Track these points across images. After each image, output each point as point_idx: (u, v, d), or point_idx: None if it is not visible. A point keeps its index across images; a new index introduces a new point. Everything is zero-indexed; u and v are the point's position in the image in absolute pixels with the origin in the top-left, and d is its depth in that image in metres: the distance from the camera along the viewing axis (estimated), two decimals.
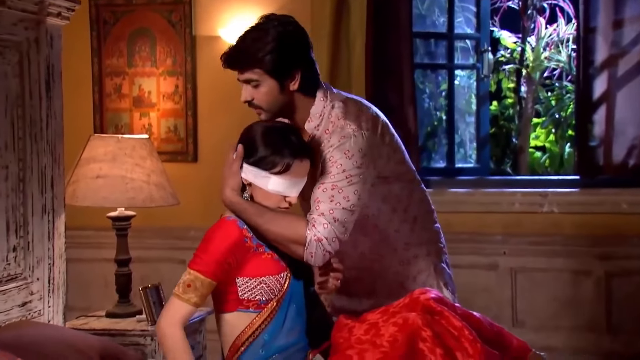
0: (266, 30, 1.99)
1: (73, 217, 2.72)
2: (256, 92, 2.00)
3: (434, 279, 2.16)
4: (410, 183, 2.13)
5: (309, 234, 1.90)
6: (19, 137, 2.39)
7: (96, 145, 2.98)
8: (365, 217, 2.08)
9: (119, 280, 3.06)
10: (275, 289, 1.88)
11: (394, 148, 2.08)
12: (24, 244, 2.41)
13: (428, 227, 2.18)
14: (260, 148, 1.90)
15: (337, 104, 2.03)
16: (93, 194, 2.90)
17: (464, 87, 4.82)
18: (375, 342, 1.85)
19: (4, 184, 2.33)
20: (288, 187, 1.91)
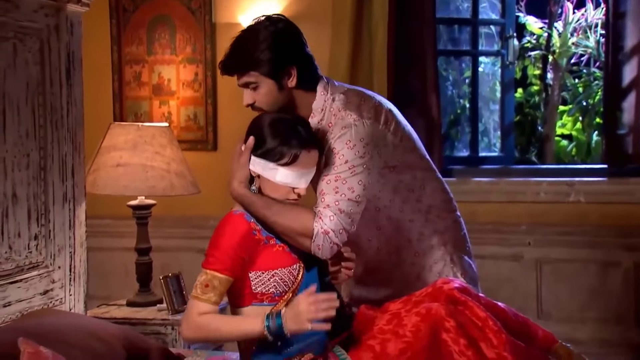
0: (257, 31, 2.03)
1: (93, 206, 2.75)
2: (256, 95, 2.04)
3: (451, 269, 2.16)
4: (422, 172, 2.13)
5: (316, 227, 1.92)
6: (40, 125, 2.43)
7: (116, 133, 3.00)
8: (377, 209, 2.10)
9: (139, 269, 3.09)
10: (288, 281, 1.89)
11: (401, 136, 2.08)
12: (45, 232, 2.45)
13: (444, 217, 2.18)
14: (268, 139, 1.91)
15: (338, 96, 2.05)
16: (113, 182, 2.93)
17: (489, 74, 4.78)
18: (397, 332, 1.86)
19: (25, 172, 2.36)
20: (296, 178, 1.92)
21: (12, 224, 2.31)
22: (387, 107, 2.10)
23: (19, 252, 2.33)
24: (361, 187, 1.97)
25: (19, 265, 2.34)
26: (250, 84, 2.04)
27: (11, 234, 2.30)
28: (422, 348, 1.83)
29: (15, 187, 2.31)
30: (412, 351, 1.83)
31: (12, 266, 2.31)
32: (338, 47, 3.62)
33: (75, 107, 2.58)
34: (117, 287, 3.89)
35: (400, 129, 2.09)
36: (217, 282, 1.82)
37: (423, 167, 2.14)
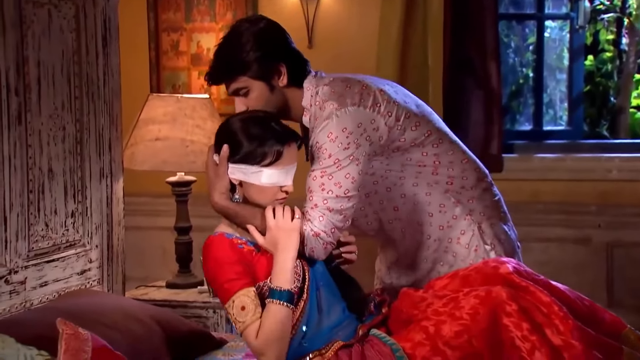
0: (239, 34, 2.09)
1: (129, 182, 2.80)
2: (248, 101, 2.08)
3: (478, 239, 2.18)
4: (434, 146, 2.15)
5: (306, 230, 1.96)
6: (76, 96, 2.48)
7: (155, 105, 3.04)
8: (388, 189, 2.16)
9: (179, 249, 3.15)
10: (297, 284, 1.91)
11: (397, 115, 2.09)
12: (82, 210, 2.51)
13: (468, 186, 2.19)
14: (244, 143, 1.92)
15: (322, 88, 2.09)
16: (152, 157, 2.98)
17: (555, 39, 4.68)
18: (454, 314, 1.87)
19: (61, 146, 2.42)
20: (282, 175, 1.93)
21: (48, 200, 2.37)
22: (379, 87, 2.12)
23: (55, 229, 2.40)
24: (349, 180, 2.01)
25: (55, 244, 2.40)
26: (240, 90, 2.09)
27: (47, 210, 2.37)
28: (479, 331, 1.83)
29: (51, 161, 2.38)
30: (469, 334, 1.84)
31: (48, 244, 2.38)
32: (389, 10, 3.59)
33: (112, 78, 2.62)
34: (154, 268, 3.97)
35: (395, 108, 2.10)
36: (247, 298, 1.85)
37: (433, 142, 2.15)
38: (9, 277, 2.23)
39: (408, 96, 2.18)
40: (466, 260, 2.16)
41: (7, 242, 2.21)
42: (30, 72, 2.29)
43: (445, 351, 1.85)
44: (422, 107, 2.19)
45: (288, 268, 1.86)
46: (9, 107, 2.21)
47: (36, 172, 2.32)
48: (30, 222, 2.30)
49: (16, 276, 2.25)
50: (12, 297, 2.23)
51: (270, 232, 1.88)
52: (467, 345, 1.84)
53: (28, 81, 2.28)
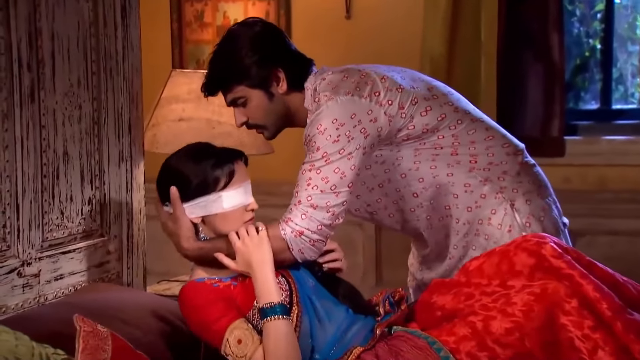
0: (233, 40, 2.18)
1: (149, 167, 2.82)
2: (248, 111, 2.20)
3: (512, 218, 2.21)
4: (450, 128, 2.19)
5: (286, 234, 2.02)
6: (93, 72, 2.50)
7: (178, 82, 3.06)
8: (403, 175, 2.22)
9: None
10: (286, 299, 1.97)
11: (402, 103, 2.13)
12: (100, 196, 2.54)
13: (496, 162, 2.22)
14: (191, 176, 2.00)
15: (320, 83, 2.16)
16: (175, 139, 2.99)
17: (627, 6, 4.59)
18: (505, 310, 1.89)
19: (77, 127, 2.45)
20: (242, 194, 2.02)
21: (64, 186, 2.40)
22: (381, 74, 2.16)
23: (71, 218, 2.43)
24: (337, 175, 2.06)
25: (71, 234, 2.43)
26: (238, 101, 2.19)
27: (62, 197, 2.40)
28: (533, 330, 1.85)
29: (66, 143, 2.40)
30: (521, 332, 1.86)
31: (63, 234, 2.41)
32: None
33: (132, 52, 2.64)
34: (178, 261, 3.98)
35: (399, 95, 2.14)
36: (240, 330, 1.90)
37: (450, 124, 2.19)
38: (22, 269, 2.26)
39: (418, 80, 2.22)
40: (499, 243, 2.18)
41: (19, 231, 2.25)
42: (44, 45, 2.31)
43: (494, 348, 1.87)
44: (436, 90, 2.22)
45: (270, 280, 1.92)
46: (21, 83, 2.24)
47: (50, 155, 2.35)
48: (44, 210, 2.33)
49: (29, 268, 2.28)
50: (25, 291, 2.27)
51: (239, 253, 1.95)
52: (519, 343, 1.86)
53: (41, 55, 2.30)
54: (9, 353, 1.77)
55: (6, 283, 2.21)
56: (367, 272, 4.25)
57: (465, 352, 1.89)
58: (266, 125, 2.26)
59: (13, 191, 2.22)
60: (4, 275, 2.20)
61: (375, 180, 2.27)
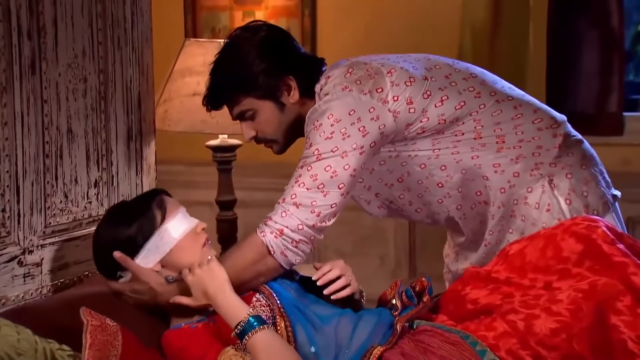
0: (237, 47, 2.20)
1: (161, 147, 2.83)
2: (257, 124, 2.23)
3: (550, 195, 2.21)
4: (471, 114, 2.20)
5: (265, 237, 2.06)
6: (99, 41, 2.51)
7: (192, 52, 3.06)
8: (422, 166, 2.23)
9: (221, 227, 3.19)
10: (267, 314, 2.02)
11: (412, 97, 2.15)
12: (107, 178, 2.56)
13: (526, 139, 2.23)
14: (127, 232, 2.08)
15: (326, 84, 2.19)
16: (189, 116, 3.01)
17: None
18: (550, 308, 1.88)
19: (82, 102, 2.46)
20: (184, 219, 2.12)
21: (68, 166, 2.42)
22: (391, 66, 2.19)
23: (76, 202, 2.45)
24: (328, 174, 2.08)
25: (76, 219, 2.45)
26: (245, 114, 2.22)
27: (66, 179, 2.41)
28: (581, 331, 1.84)
29: (70, 120, 2.41)
30: (568, 333, 1.85)
31: (68, 219, 2.43)
32: None
33: (142, 19, 2.64)
34: None
35: (409, 89, 2.16)
36: (230, 355, 1.93)
37: (471, 110, 2.20)
38: (23, 257, 2.28)
39: (434, 68, 2.24)
40: (537, 224, 2.19)
41: (20, 215, 2.26)
42: (46, 11, 2.31)
43: (539, 351, 1.86)
44: (455, 76, 2.24)
45: (232, 302, 1.94)
46: (21, 53, 2.25)
47: (53, 133, 2.36)
48: (47, 193, 2.34)
49: (31, 257, 2.30)
50: (26, 281, 2.29)
51: (193, 286, 1.99)
52: (566, 345, 1.85)
53: (43, 22, 2.31)
54: (10, 349, 1.79)
55: (6, 272, 2.22)
56: (400, 265, 4.25)
57: (506, 349, 1.89)
58: (278, 138, 2.28)
59: (13, 172, 2.24)
60: (4, 264, 2.22)
61: (392, 175, 2.28)
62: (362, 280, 2.22)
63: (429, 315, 2.08)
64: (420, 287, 2.12)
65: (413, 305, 2.08)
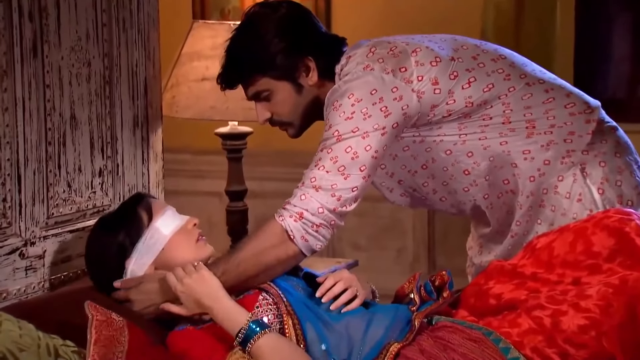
0: (255, 25, 2.20)
1: (167, 135, 2.84)
2: (272, 105, 2.24)
3: (582, 184, 2.20)
4: (500, 98, 2.20)
5: (284, 218, 2.06)
6: (103, 23, 2.51)
7: (201, 35, 3.06)
8: (448, 152, 2.24)
9: (231, 219, 3.19)
10: (274, 312, 2.02)
11: (438, 77, 2.16)
12: (112, 167, 2.57)
13: (558, 124, 2.23)
14: (116, 239, 2.12)
15: (347, 64, 2.19)
16: (197, 102, 3.01)
17: None
18: (578, 304, 1.88)
19: (85, 86, 2.46)
20: (173, 215, 2.17)
21: (71, 154, 2.43)
22: (415, 45, 2.18)
23: (80, 192, 2.46)
24: (349, 156, 2.08)
25: (80, 209, 2.46)
26: (261, 94, 2.23)
27: (70, 167, 2.42)
28: (612, 328, 1.84)
29: (73, 106, 2.42)
30: (597, 330, 1.85)
31: (71, 210, 2.44)
32: None
33: (148, 1, 2.64)
34: None
35: (435, 70, 2.16)
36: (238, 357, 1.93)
37: (500, 93, 2.21)
38: (25, 249, 2.29)
39: (460, 49, 2.24)
40: (568, 214, 2.19)
41: (21, 206, 2.27)
42: None
43: (566, 349, 1.86)
44: (483, 57, 2.24)
45: (229, 308, 1.95)
46: (22, 36, 2.25)
47: (56, 119, 2.37)
48: (49, 182, 2.35)
49: (33, 249, 2.31)
50: (28, 274, 2.30)
51: (183, 297, 1.99)
52: (595, 343, 1.85)
53: (44, 3, 2.31)
54: (12, 344, 1.80)
55: (7, 265, 2.24)
56: (418, 258, 4.26)
57: (531, 347, 1.89)
58: (293, 121, 2.28)
59: (14, 160, 2.25)
60: (5, 257, 2.23)
61: (416, 162, 2.28)
62: (378, 274, 2.23)
63: (448, 311, 2.08)
64: (440, 282, 2.11)
65: (432, 301, 2.08)
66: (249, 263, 2.05)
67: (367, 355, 1.96)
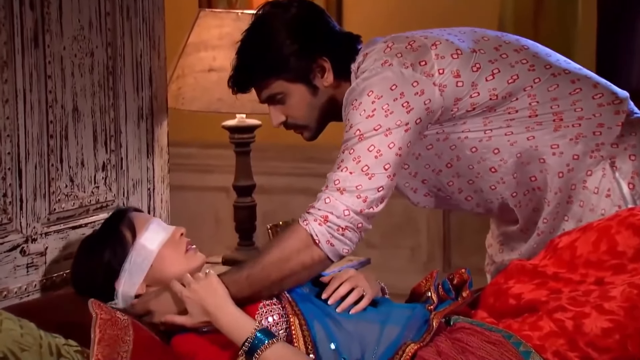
0: (266, 26, 2.20)
1: (173, 128, 2.85)
2: (287, 109, 2.25)
3: (611, 179, 2.21)
4: (525, 89, 2.20)
5: (308, 222, 2.05)
6: (107, 11, 2.52)
7: (207, 25, 3.06)
8: (473, 149, 2.23)
9: (239, 215, 3.19)
10: (280, 311, 2.04)
11: (460, 70, 2.16)
12: (116, 161, 2.58)
13: (586, 116, 2.22)
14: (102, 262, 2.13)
15: (364, 61, 2.19)
16: (204, 94, 3.01)
17: None
18: (601, 306, 1.88)
19: (88, 77, 2.47)
20: (158, 228, 2.18)
21: (73, 148, 2.44)
22: (435, 39, 2.20)
23: (82, 186, 2.47)
24: (372, 154, 2.08)
25: (82, 205, 2.47)
26: (275, 97, 2.23)
27: (72, 161, 2.44)
28: (636, 331, 1.84)
29: (76, 97, 2.43)
30: (622, 334, 1.85)
31: (73, 205, 2.45)
32: None
33: None
34: (206, 239, 4.03)
35: (456, 62, 2.16)
36: None
37: (525, 84, 2.20)
38: (26, 246, 2.30)
39: (481, 40, 2.25)
40: (596, 210, 2.20)
41: (22, 201, 2.29)
42: None
43: (588, 352, 1.86)
44: (505, 48, 2.24)
45: (235, 317, 1.97)
46: (23, 25, 2.26)
47: (58, 112, 2.38)
48: (51, 176, 2.37)
49: (34, 245, 2.33)
50: (29, 272, 2.32)
51: (189, 304, 2.00)
52: (619, 347, 1.85)
53: None
54: (13, 344, 1.81)
55: (7, 262, 2.25)
56: (432, 257, 4.26)
57: (553, 351, 1.89)
58: (309, 124, 2.29)
59: (15, 154, 2.26)
60: (5, 254, 2.25)
61: (441, 160, 2.28)
62: (391, 273, 2.23)
63: (467, 311, 2.08)
64: (459, 280, 2.11)
65: (450, 300, 2.08)
66: (273, 268, 2.05)
67: (382, 355, 1.97)
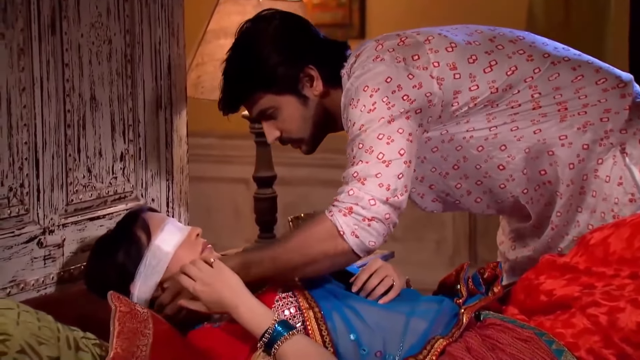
0: (250, 41, 2.24)
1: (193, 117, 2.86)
2: (279, 123, 2.28)
3: (622, 167, 2.21)
4: (526, 81, 2.21)
5: (333, 214, 2.06)
6: None
7: (228, 11, 3.07)
8: (479, 148, 2.24)
9: (259, 206, 3.21)
10: (294, 304, 2.06)
11: (455, 62, 2.17)
12: (135, 151, 2.59)
13: (591, 103, 2.23)
14: (116, 264, 2.15)
15: (355, 62, 2.21)
16: None
17: None
18: (637, 300, 1.88)
19: (105, 65, 2.49)
20: (174, 229, 2.19)
21: (91, 138, 2.45)
22: (429, 34, 2.22)
23: (100, 177, 2.49)
24: (383, 142, 2.09)
25: (100, 196, 2.49)
26: (266, 112, 2.27)
27: (90, 152, 2.45)
28: None
29: (94, 86, 2.45)
30: None
31: (91, 196, 2.47)
32: None
33: None
34: (225, 231, 4.08)
35: (450, 55, 2.17)
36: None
37: (525, 76, 2.22)
38: (43, 238, 2.32)
39: (475, 33, 2.26)
40: (609, 199, 2.20)
41: (39, 191, 2.31)
42: None
43: (624, 348, 1.86)
44: (500, 39, 2.26)
45: (253, 307, 1.98)
46: (40, 11, 2.28)
47: (75, 101, 2.40)
48: (69, 167, 2.38)
49: (52, 237, 2.35)
50: (46, 264, 2.34)
51: (203, 297, 2.01)
52: None
53: None
54: (31, 337, 1.83)
55: (25, 254, 2.27)
56: (458, 251, 4.26)
57: (587, 348, 1.89)
58: (303, 137, 2.31)
59: (32, 143, 2.28)
60: (22, 245, 2.27)
61: (447, 163, 2.29)
62: (415, 267, 2.24)
63: (497, 306, 2.08)
64: (490, 274, 2.11)
65: (480, 294, 2.08)
66: (295, 253, 2.07)
67: (410, 348, 1.96)
